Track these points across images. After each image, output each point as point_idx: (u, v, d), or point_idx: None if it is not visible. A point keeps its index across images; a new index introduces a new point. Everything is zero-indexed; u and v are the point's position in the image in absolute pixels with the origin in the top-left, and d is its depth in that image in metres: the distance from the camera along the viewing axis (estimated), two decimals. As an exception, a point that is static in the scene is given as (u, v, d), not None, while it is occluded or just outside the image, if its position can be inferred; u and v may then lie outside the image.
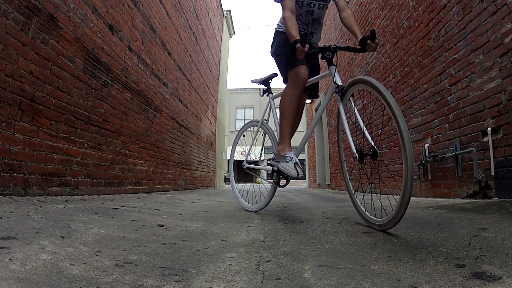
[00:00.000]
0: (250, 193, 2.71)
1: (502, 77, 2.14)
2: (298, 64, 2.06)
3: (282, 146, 2.09)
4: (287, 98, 2.08)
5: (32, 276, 0.73)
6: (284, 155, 2.04)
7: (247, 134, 2.81)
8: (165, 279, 0.81)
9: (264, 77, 2.51)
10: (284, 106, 2.10)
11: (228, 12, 12.66)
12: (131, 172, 3.49)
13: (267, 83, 2.52)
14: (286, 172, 2.00)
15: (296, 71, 2.05)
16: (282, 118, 2.11)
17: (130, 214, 1.87)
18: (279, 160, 2.07)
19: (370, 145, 1.53)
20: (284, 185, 2.25)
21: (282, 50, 2.20)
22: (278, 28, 2.32)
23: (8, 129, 1.83)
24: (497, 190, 2.19)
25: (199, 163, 7.25)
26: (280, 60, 2.23)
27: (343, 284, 0.80)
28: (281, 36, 2.25)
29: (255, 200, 2.54)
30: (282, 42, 2.22)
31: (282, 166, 2.02)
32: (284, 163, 2.01)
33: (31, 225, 1.17)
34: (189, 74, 6.36)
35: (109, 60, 3.04)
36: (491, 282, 0.75)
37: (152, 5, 4.26)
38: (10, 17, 1.85)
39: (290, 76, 2.08)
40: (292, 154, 2.05)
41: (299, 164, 2.01)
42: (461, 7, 2.58)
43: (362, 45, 1.91)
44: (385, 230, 1.46)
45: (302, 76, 2.04)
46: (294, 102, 2.08)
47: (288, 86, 2.10)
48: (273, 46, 2.34)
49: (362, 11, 5.25)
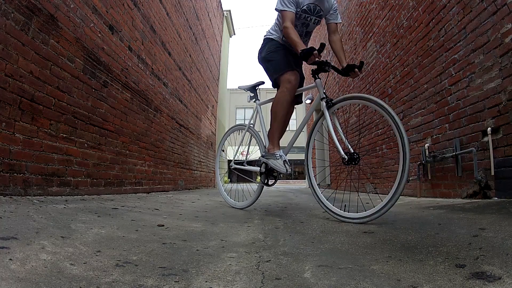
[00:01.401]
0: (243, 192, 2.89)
1: (502, 77, 2.14)
2: (289, 69, 2.19)
3: (272, 145, 2.25)
4: (280, 102, 2.19)
5: (32, 276, 0.73)
6: (274, 153, 2.20)
7: (233, 137, 2.95)
8: (165, 279, 0.81)
9: (252, 84, 2.63)
10: (276, 110, 2.21)
11: (228, 12, 12.67)
12: (131, 172, 3.49)
13: (254, 90, 2.65)
14: (276, 168, 2.17)
15: (289, 77, 2.17)
16: (274, 120, 2.22)
17: (130, 214, 1.87)
18: (269, 157, 2.22)
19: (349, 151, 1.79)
20: (272, 184, 2.38)
21: (273, 56, 2.31)
22: (269, 35, 2.42)
23: (8, 129, 1.83)
24: (497, 190, 2.19)
25: (199, 163, 7.25)
26: (270, 65, 2.33)
27: (343, 284, 0.80)
28: (272, 43, 2.37)
29: (243, 198, 2.73)
30: (273, 48, 2.34)
31: (272, 163, 2.19)
32: (274, 160, 2.18)
33: (31, 225, 1.17)
34: (189, 74, 6.36)
35: (109, 60, 3.04)
36: (491, 282, 0.75)
37: (152, 5, 4.26)
38: (10, 17, 1.85)
39: (283, 81, 2.19)
40: (281, 152, 2.21)
41: (287, 162, 2.18)
42: (461, 7, 2.58)
43: (348, 70, 2.10)
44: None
45: (295, 82, 2.18)
46: (286, 106, 2.20)
47: (281, 91, 2.19)
48: (262, 51, 2.42)
49: (362, 11, 5.24)
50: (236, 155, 2.76)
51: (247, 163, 2.63)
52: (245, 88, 2.66)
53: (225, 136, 2.98)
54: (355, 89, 5.76)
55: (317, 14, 2.29)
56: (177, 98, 5.47)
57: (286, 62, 2.24)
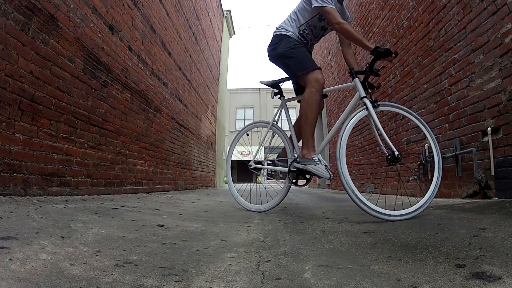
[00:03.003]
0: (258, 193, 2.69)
1: (502, 77, 2.14)
2: (316, 68, 2.13)
3: (308, 150, 2.13)
4: (310, 103, 2.10)
5: (32, 276, 0.73)
6: (312, 158, 2.09)
7: (250, 134, 2.77)
8: (165, 279, 0.81)
9: (276, 80, 2.48)
10: (307, 111, 2.12)
11: (228, 12, 12.67)
12: (131, 172, 3.49)
13: (279, 86, 2.50)
14: (318, 174, 2.05)
15: (317, 75, 2.11)
16: (305, 123, 2.13)
17: (130, 214, 1.87)
18: (308, 163, 2.10)
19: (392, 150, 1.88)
20: (302, 185, 2.26)
21: (294, 52, 2.24)
22: (284, 32, 2.34)
23: (8, 129, 1.83)
24: (497, 190, 2.19)
25: (199, 163, 7.25)
26: (291, 62, 2.25)
27: (343, 284, 0.80)
28: (289, 39, 2.30)
29: (262, 200, 2.51)
30: (292, 45, 2.27)
31: (313, 168, 2.07)
32: (315, 165, 2.07)
33: (31, 225, 1.17)
34: (189, 74, 6.36)
35: (109, 60, 3.04)
36: (491, 282, 0.75)
37: (152, 5, 4.26)
38: (10, 17, 1.85)
39: (311, 80, 2.11)
40: (320, 157, 2.10)
41: (328, 166, 2.07)
42: (461, 7, 2.58)
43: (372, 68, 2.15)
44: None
45: (322, 80, 2.12)
46: (316, 107, 2.12)
47: (310, 91, 2.11)
48: (278, 48, 2.31)
49: (362, 11, 5.24)
50: (256, 155, 2.59)
51: (271, 163, 2.47)
52: (269, 84, 2.52)
53: (241, 133, 2.76)
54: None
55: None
56: (177, 98, 5.47)
57: (310, 60, 2.20)
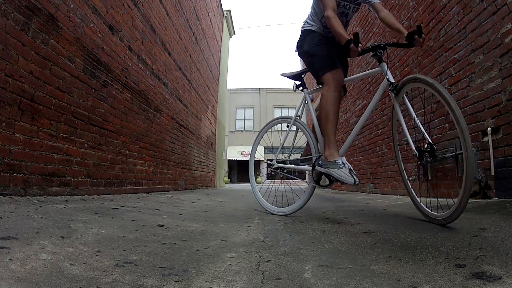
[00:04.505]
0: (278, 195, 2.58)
1: (502, 77, 2.14)
2: (336, 67, 2.07)
3: (330, 151, 1.97)
4: (329, 100, 2.01)
5: (32, 276, 0.73)
6: (335, 161, 1.91)
7: (273, 131, 2.65)
8: (165, 279, 0.81)
9: (297, 71, 2.40)
10: (327, 110, 2.01)
11: (228, 12, 12.66)
12: (131, 172, 3.49)
13: (301, 78, 2.39)
14: (341, 179, 1.86)
15: (335, 75, 2.04)
16: (327, 122, 2.02)
17: (130, 214, 1.87)
18: (330, 166, 1.94)
19: (428, 142, 1.66)
20: (327, 185, 2.10)
21: (317, 50, 2.15)
22: (309, 27, 2.26)
23: (8, 129, 1.83)
24: (497, 190, 2.19)
25: (199, 163, 7.25)
26: (314, 60, 2.17)
27: (343, 284, 0.80)
28: (314, 35, 2.21)
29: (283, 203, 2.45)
30: (316, 42, 2.18)
31: (336, 173, 1.88)
32: (338, 169, 1.89)
33: (31, 225, 1.17)
34: (189, 74, 6.36)
35: (109, 60, 3.04)
36: (491, 282, 0.75)
37: (152, 5, 4.25)
38: (10, 17, 1.85)
39: (329, 79, 2.05)
40: (344, 160, 1.92)
41: (353, 170, 1.89)
42: (461, 7, 2.58)
43: (409, 40, 1.88)
44: (445, 225, 1.48)
45: (341, 79, 2.07)
46: (336, 104, 2.05)
47: (328, 89, 2.04)
48: (303, 45, 2.25)
49: (362, 11, 5.24)
50: (278, 154, 2.48)
51: (293, 162, 2.39)
52: (290, 76, 2.41)
53: (264, 129, 2.63)
54: (354, 89, 5.76)
55: (356, 1, 2.15)
56: (177, 98, 5.47)
57: (330, 58, 2.10)
